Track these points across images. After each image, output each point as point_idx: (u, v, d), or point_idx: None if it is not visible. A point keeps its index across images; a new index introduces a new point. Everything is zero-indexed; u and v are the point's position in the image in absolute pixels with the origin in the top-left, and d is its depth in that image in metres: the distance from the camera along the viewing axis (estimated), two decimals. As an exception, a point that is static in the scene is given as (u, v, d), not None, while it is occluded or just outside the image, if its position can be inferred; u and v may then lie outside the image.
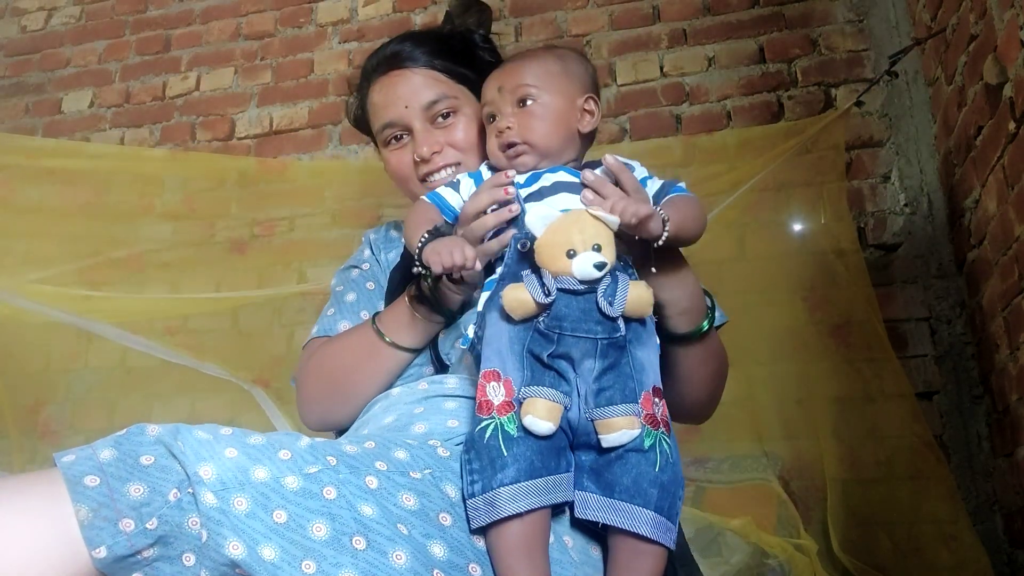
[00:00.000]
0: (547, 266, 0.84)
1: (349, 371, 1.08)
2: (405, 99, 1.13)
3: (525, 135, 0.97)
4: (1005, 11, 1.69)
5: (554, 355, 0.83)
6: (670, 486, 0.82)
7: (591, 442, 0.83)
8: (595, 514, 0.81)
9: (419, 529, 0.77)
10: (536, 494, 0.79)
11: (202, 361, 2.19)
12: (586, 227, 0.84)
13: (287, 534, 0.71)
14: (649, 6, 2.70)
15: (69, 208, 2.35)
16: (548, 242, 0.85)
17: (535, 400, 0.81)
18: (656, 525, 0.79)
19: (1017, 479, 1.85)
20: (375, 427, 1.00)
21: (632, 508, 0.80)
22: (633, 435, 0.81)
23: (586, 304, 0.83)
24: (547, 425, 0.80)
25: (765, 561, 1.86)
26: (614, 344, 0.83)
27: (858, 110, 2.31)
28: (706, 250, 2.30)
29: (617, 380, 0.83)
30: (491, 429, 0.81)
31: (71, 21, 3.25)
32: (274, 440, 0.78)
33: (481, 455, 0.81)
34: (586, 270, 0.82)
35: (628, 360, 0.84)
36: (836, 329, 2.24)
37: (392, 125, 1.15)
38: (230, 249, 2.68)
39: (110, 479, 0.71)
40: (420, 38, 1.19)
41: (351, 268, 1.26)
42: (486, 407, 0.82)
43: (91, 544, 0.69)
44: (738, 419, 2.22)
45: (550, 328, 0.83)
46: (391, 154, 1.16)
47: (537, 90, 0.99)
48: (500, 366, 0.84)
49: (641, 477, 0.81)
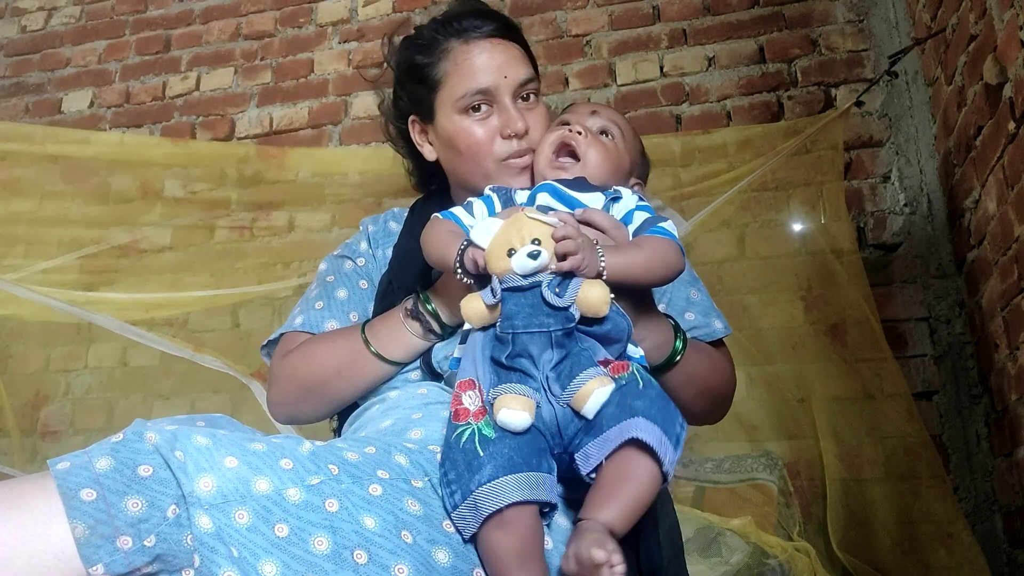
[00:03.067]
0: (493, 270, 0.85)
1: (331, 377, 1.05)
2: (505, 69, 1.08)
3: (587, 152, 1.00)
4: (1005, 11, 1.69)
5: (512, 355, 0.82)
6: (659, 399, 0.80)
7: (578, 426, 0.81)
8: (596, 458, 0.78)
9: (424, 535, 0.75)
10: (517, 488, 0.76)
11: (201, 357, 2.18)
12: (524, 226, 0.85)
13: (289, 548, 0.69)
14: (649, 6, 2.71)
15: (71, 202, 2.36)
16: (491, 248, 0.85)
17: (505, 396, 0.80)
18: (648, 430, 0.76)
19: (1016, 479, 1.85)
20: (372, 430, 0.99)
21: (620, 425, 0.77)
22: (608, 391, 0.80)
23: (533, 299, 0.83)
24: (522, 415, 0.79)
25: (765, 561, 1.86)
26: (568, 334, 0.83)
27: (858, 110, 2.31)
28: (706, 249, 2.34)
29: (570, 358, 0.82)
30: (467, 433, 0.80)
31: (71, 21, 3.25)
32: (275, 446, 0.76)
33: (456, 462, 0.79)
34: (522, 262, 0.82)
35: (580, 340, 0.84)
36: (835, 328, 2.24)
37: (485, 92, 1.07)
38: (230, 248, 2.69)
39: (107, 493, 0.69)
40: (500, 15, 1.14)
41: (345, 258, 1.21)
42: (463, 414, 0.82)
43: (88, 562, 0.67)
44: (738, 419, 2.22)
45: (503, 330, 0.83)
46: (473, 123, 1.08)
47: (620, 138, 1.04)
48: (474, 374, 0.84)
49: (624, 397, 0.79)
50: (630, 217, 0.96)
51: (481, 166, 1.09)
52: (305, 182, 2.44)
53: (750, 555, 1.85)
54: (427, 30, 1.13)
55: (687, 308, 1.13)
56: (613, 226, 0.93)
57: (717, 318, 1.14)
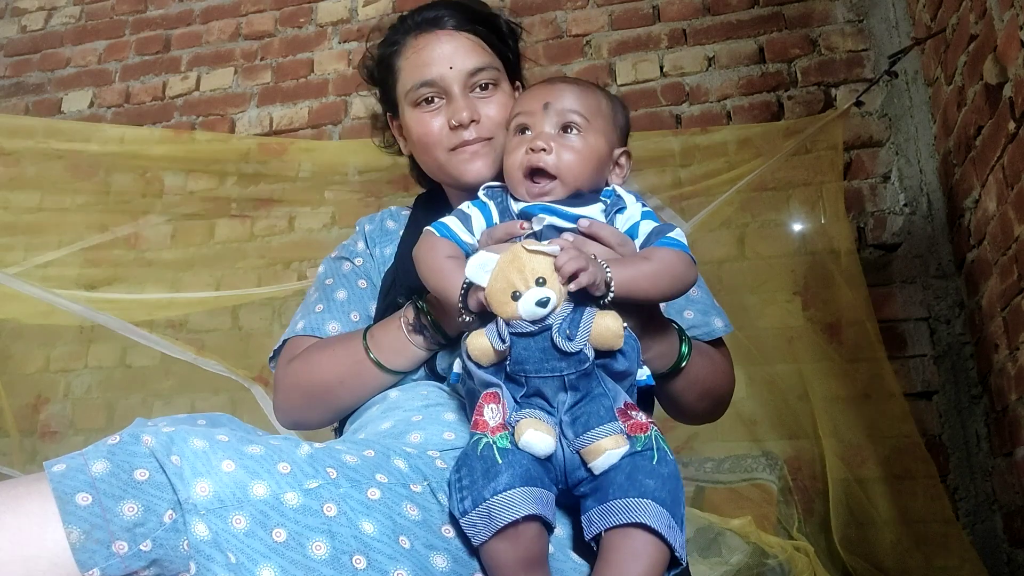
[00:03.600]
0: (498, 312, 0.81)
1: (333, 385, 1.05)
2: (450, 59, 1.06)
3: (560, 167, 0.91)
4: (1005, 11, 1.69)
5: (527, 395, 0.81)
6: (670, 479, 0.77)
7: (583, 475, 0.79)
8: (597, 526, 0.76)
9: (422, 540, 0.75)
10: (532, 501, 0.75)
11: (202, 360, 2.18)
12: (524, 265, 0.80)
13: (287, 554, 0.69)
14: (649, 6, 2.71)
15: (71, 200, 2.36)
16: (493, 289, 0.81)
17: (530, 420, 0.79)
18: (658, 516, 0.74)
19: (1016, 479, 1.85)
20: (372, 431, 0.98)
21: (627, 502, 0.75)
22: (620, 453, 0.78)
23: (543, 343, 0.79)
24: (548, 440, 0.78)
25: (765, 561, 1.86)
26: (583, 375, 0.80)
27: (858, 110, 2.31)
28: (706, 249, 2.34)
29: (590, 404, 0.80)
30: (483, 444, 0.78)
31: (71, 21, 3.25)
32: (273, 449, 0.75)
33: (473, 468, 0.77)
34: (531, 310, 0.78)
35: (599, 381, 0.81)
36: (834, 328, 2.24)
37: (431, 84, 1.07)
38: (230, 249, 2.69)
39: (103, 497, 0.68)
40: (461, 6, 1.12)
41: (342, 260, 1.20)
42: (482, 426, 0.80)
43: (83, 567, 0.67)
44: (738, 419, 2.22)
45: (515, 372, 0.80)
46: (421, 115, 1.08)
47: (586, 124, 0.94)
48: (500, 390, 0.82)
49: (636, 471, 0.77)
50: (636, 229, 0.92)
51: (433, 156, 1.09)
52: (305, 177, 2.44)
53: (750, 555, 1.85)
54: (389, 29, 1.15)
55: (686, 306, 1.12)
56: (619, 241, 0.89)
57: (717, 316, 1.12)
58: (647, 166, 2.30)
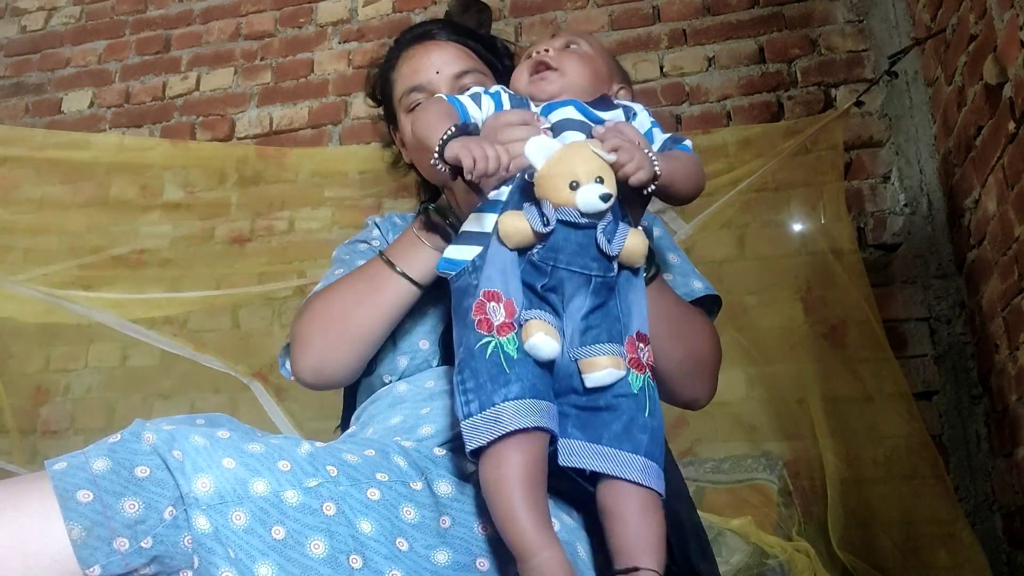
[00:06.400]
0: (549, 197, 0.81)
1: (350, 306, 1.01)
2: (436, 65, 1.11)
3: (560, 62, 0.96)
4: (1005, 11, 1.69)
5: (546, 288, 0.80)
6: (659, 432, 0.79)
7: (573, 385, 0.80)
8: (581, 461, 0.77)
9: (420, 542, 0.75)
10: (541, 414, 0.74)
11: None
12: (589, 159, 0.81)
13: (285, 551, 0.70)
14: (649, 6, 2.71)
15: (70, 204, 2.36)
16: (550, 173, 0.81)
17: (539, 322, 0.78)
18: (646, 470, 0.76)
19: (1016, 479, 1.85)
20: (380, 427, 0.98)
21: (621, 454, 0.77)
22: (618, 375, 0.79)
23: (584, 239, 0.80)
24: (554, 345, 0.77)
25: (765, 561, 1.86)
26: (606, 284, 0.81)
27: (858, 110, 2.32)
28: (706, 250, 2.34)
29: (604, 320, 0.81)
30: (492, 347, 0.76)
31: (71, 21, 3.25)
32: (273, 448, 0.76)
33: (479, 372, 0.76)
34: (591, 201, 0.79)
35: (616, 302, 0.82)
36: (834, 329, 2.24)
37: (420, 89, 1.11)
38: (230, 248, 2.69)
39: (104, 494, 0.69)
40: (452, 23, 1.19)
41: (359, 242, 1.22)
42: (485, 325, 0.77)
43: (84, 564, 0.68)
44: (738, 419, 2.22)
45: (544, 260, 0.80)
46: None
47: (587, 45, 1.00)
48: (502, 287, 0.79)
49: (632, 423, 0.78)
50: (650, 135, 0.95)
51: (426, 160, 1.09)
52: (305, 182, 2.45)
53: (750, 555, 1.85)
54: (388, 50, 1.22)
55: (666, 269, 1.11)
56: (642, 141, 0.92)
57: (697, 279, 1.12)
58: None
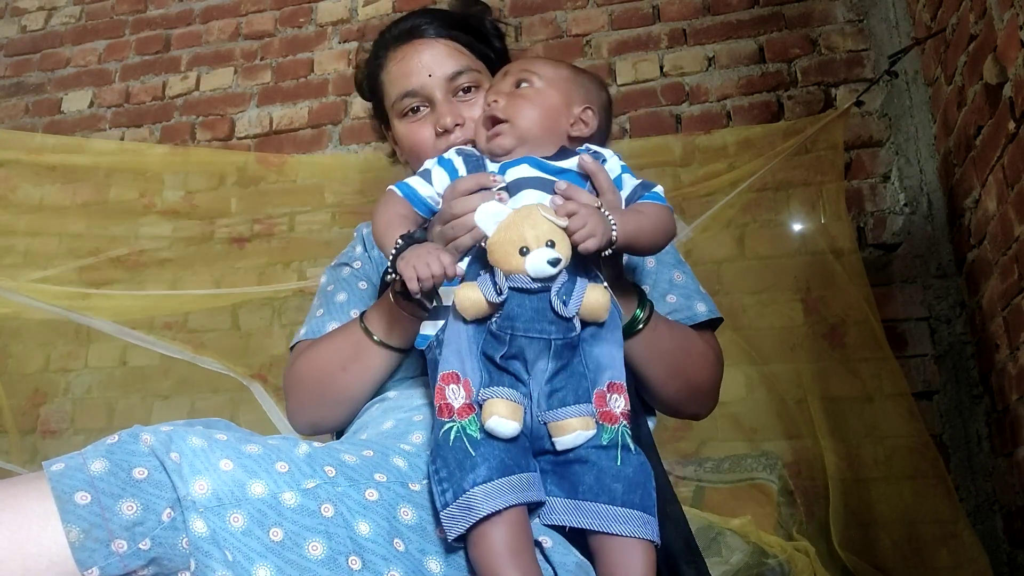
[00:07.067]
0: (499, 264, 0.81)
1: (336, 372, 1.04)
2: (428, 67, 1.08)
3: (509, 112, 0.95)
4: (1005, 11, 1.69)
5: (506, 356, 0.80)
6: (636, 477, 0.79)
7: (546, 447, 0.80)
8: (561, 518, 0.78)
9: (416, 544, 0.75)
10: (511, 491, 0.75)
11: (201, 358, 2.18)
12: (539, 223, 0.80)
13: (283, 553, 0.69)
14: (649, 6, 2.71)
15: (69, 206, 2.36)
16: (500, 240, 0.81)
17: (496, 401, 0.78)
18: (627, 520, 0.76)
19: (1017, 479, 1.85)
20: (374, 432, 0.98)
21: (597, 507, 0.77)
22: (588, 435, 0.79)
23: (540, 303, 0.80)
24: (512, 425, 0.77)
25: (765, 561, 1.85)
26: (568, 344, 0.80)
27: (858, 110, 2.32)
28: (705, 250, 2.34)
29: (569, 380, 0.81)
30: (455, 432, 0.77)
31: (71, 21, 3.25)
32: (271, 449, 0.76)
33: (448, 460, 0.77)
34: (540, 267, 0.79)
35: (581, 359, 0.82)
36: (834, 329, 2.24)
37: (413, 94, 1.09)
38: (230, 248, 2.69)
39: (102, 496, 0.69)
40: (439, 13, 1.15)
41: (342, 266, 1.21)
42: (446, 410, 0.79)
43: (82, 566, 0.67)
44: (737, 419, 2.22)
45: (502, 329, 0.80)
46: (408, 126, 1.10)
47: (537, 78, 0.98)
48: (459, 367, 0.80)
49: (603, 473, 0.78)
50: (619, 182, 0.93)
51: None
52: (304, 186, 2.45)
53: (750, 555, 1.85)
54: (372, 45, 1.18)
55: (669, 290, 1.11)
56: (609, 190, 0.91)
57: (701, 301, 1.11)
58: (647, 167, 2.30)
